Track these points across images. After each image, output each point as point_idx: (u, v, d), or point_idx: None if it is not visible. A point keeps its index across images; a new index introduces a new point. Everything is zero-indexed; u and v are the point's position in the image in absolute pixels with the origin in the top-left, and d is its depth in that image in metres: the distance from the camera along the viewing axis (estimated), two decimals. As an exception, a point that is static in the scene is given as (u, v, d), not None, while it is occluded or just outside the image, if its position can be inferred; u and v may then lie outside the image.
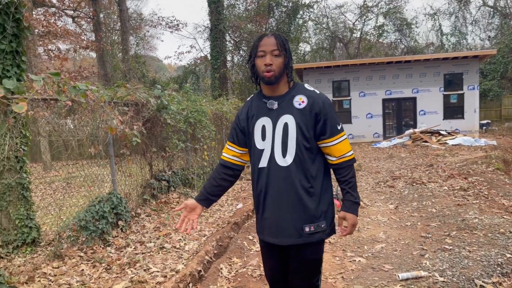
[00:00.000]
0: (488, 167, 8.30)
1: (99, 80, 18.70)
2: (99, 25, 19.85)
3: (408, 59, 17.49)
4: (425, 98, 17.55)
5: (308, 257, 1.98)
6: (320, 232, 1.94)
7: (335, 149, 1.93)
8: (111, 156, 5.16)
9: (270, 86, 1.94)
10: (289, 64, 1.95)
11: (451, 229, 4.52)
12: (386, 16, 30.50)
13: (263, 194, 1.98)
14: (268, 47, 1.88)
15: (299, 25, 26.12)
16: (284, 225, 1.93)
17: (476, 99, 17.24)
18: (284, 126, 1.91)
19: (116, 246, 4.45)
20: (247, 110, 2.05)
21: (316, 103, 1.91)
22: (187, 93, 8.09)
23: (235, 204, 6.48)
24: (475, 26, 32.53)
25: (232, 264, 3.94)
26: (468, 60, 17.03)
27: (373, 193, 7.07)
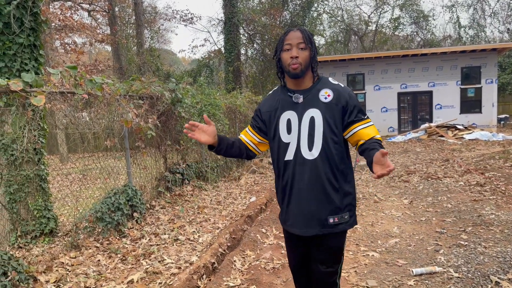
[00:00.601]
0: (505, 162, 8.15)
1: (114, 73, 18.88)
2: (114, 19, 19.99)
3: (425, 52, 17.20)
4: (441, 91, 17.28)
5: (331, 245, 2.02)
6: (343, 223, 1.99)
7: (363, 133, 1.94)
8: (127, 149, 5.22)
9: (295, 79, 1.97)
10: (315, 57, 1.97)
11: (467, 225, 4.47)
12: (403, 8, 29.98)
13: (288, 187, 2.00)
14: (294, 40, 1.91)
15: (314, 18, 25.86)
16: (309, 217, 1.96)
17: (494, 93, 16.89)
18: (311, 119, 1.94)
19: (131, 238, 4.52)
20: (270, 103, 2.08)
21: (342, 96, 1.95)
22: (201, 87, 8.11)
23: (249, 198, 6.50)
24: (494, 18, 31.69)
25: (246, 257, 3.97)
26: (487, 53, 16.68)
27: (388, 187, 7.02)
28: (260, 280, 3.41)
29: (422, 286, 3.15)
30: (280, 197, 2.10)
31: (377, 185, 7.26)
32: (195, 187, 6.84)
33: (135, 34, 21.78)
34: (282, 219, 2.14)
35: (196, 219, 5.32)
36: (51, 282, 3.38)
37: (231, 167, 9.13)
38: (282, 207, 2.11)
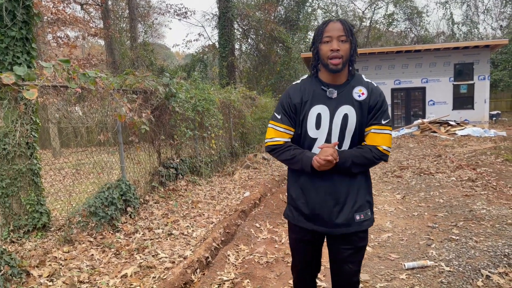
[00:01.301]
0: (497, 158, 8.24)
1: (107, 67, 18.74)
2: (107, 12, 19.81)
3: (418, 48, 17.27)
4: (434, 88, 17.37)
5: (359, 244, 2.00)
6: (367, 220, 1.97)
7: (371, 137, 1.90)
8: (120, 143, 5.20)
9: (333, 74, 1.88)
10: (356, 50, 1.89)
11: (458, 220, 4.52)
12: (397, 5, 30.06)
13: (311, 183, 1.93)
14: (334, 32, 1.82)
15: (308, 14, 25.84)
16: (336, 215, 1.91)
17: (486, 89, 17.01)
18: (344, 117, 1.87)
19: (125, 232, 4.51)
20: (300, 94, 1.94)
21: (374, 95, 1.91)
22: (195, 81, 8.09)
23: (243, 192, 6.51)
24: (487, 15, 31.97)
25: (239, 251, 3.99)
26: (479, 50, 16.78)
27: (380, 183, 7.06)
28: (254, 274, 3.43)
29: (414, 279, 3.19)
30: (300, 193, 1.99)
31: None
32: (189, 182, 6.84)
33: (129, 28, 21.62)
34: (297, 218, 2.02)
35: (190, 213, 5.32)
36: (44, 276, 3.38)
37: (225, 162, 9.13)
38: (299, 206, 2.00)
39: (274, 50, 22.04)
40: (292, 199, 2.04)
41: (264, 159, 9.90)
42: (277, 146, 1.99)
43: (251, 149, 11.41)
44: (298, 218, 2.02)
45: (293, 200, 2.04)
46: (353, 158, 1.86)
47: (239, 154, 10.33)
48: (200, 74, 19.22)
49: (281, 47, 21.73)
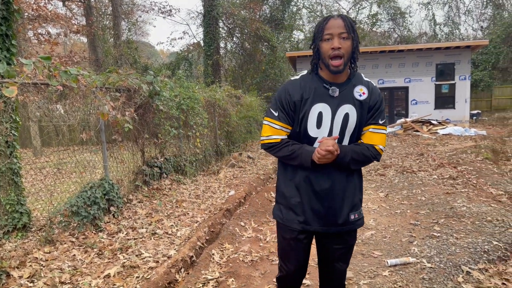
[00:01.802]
0: (477, 157, 8.41)
1: (90, 65, 18.46)
2: (90, 9, 19.51)
3: (401, 48, 17.49)
4: (417, 87, 17.63)
5: (350, 243, 2.01)
6: (360, 219, 1.98)
7: (368, 136, 1.91)
8: (103, 142, 5.14)
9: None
10: (358, 47, 1.84)
11: (440, 217, 4.60)
12: (380, 5, 30.40)
13: (309, 183, 1.90)
14: (335, 29, 1.76)
15: (293, 13, 25.94)
16: (333, 214, 1.90)
17: (467, 89, 17.34)
18: (345, 116, 1.85)
19: (108, 232, 4.46)
20: (300, 91, 1.87)
21: (375, 95, 1.90)
22: (179, 80, 8.03)
23: (227, 191, 6.50)
24: (468, 16, 32.64)
25: (224, 250, 3.98)
26: (460, 50, 17.09)
27: (364, 181, 7.14)
28: (239, 273, 3.43)
29: (396, 276, 3.23)
30: (295, 192, 1.94)
31: (354, 178, 7.37)
32: (174, 181, 6.79)
33: (112, 26, 21.34)
34: (289, 217, 1.97)
35: (174, 213, 5.29)
36: (25, 277, 3.31)
37: (210, 161, 9.10)
38: (296, 205, 1.94)
39: (259, 49, 22.06)
40: (284, 197, 1.98)
41: (249, 157, 9.90)
42: (274, 144, 1.93)
43: (236, 148, 11.40)
44: (289, 218, 1.97)
45: (285, 198, 1.98)
46: (352, 154, 1.85)
47: (224, 153, 10.30)
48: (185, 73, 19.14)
49: (266, 46, 21.76)
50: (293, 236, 1.99)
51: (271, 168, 8.76)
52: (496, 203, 4.92)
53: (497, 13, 29.09)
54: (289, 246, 2.03)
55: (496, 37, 24.71)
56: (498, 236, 3.78)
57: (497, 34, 24.89)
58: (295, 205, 1.94)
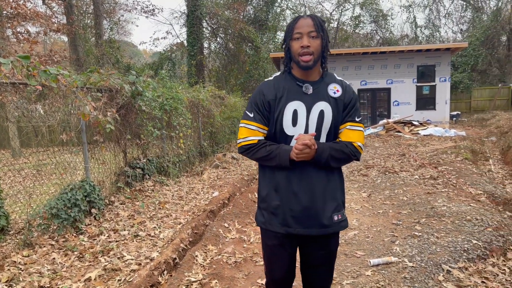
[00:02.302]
0: (457, 157, 8.57)
1: (71, 64, 18.14)
2: (71, 8, 19.17)
3: (383, 50, 17.73)
4: (399, 89, 17.88)
5: (333, 247, 1.98)
6: (344, 220, 1.94)
7: (346, 133, 1.90)
8: (84, 143, 5.05)
9: (305, 70, 1.85)
10: (327, 46, 1.86)
11: (421, 217, 4.67)
12: (363, 7, 30.75)
13: (286, 184, 1.86)
14: (304, 28, 1.79)
15: (277, 14, 26.01)
16: (315, 215, 1.85)
17: (447, 91, 17.67)
18: (320, 113, 1.85)
19: (89, 234, 4.38)
20: (274, 91, 1.88)
21: (348, 93, 1.91)
22: (162, 80, 7.96)
23: (211, 192, 6.47)
24: (448, 19, 33.27)
25: (208, 252, 3.96)
26: (441, 53, 17.41)
27: (347, 181, 7.19)
28: (222, 275, 3.41)
29: (379, 276, 3.27)
30: (274, 196, 1.90)
31: (338, 179, 7.43)
32: (156, 182, 6.73)
33: (94, 25, 21.02)
34: (272, 222, 1.91)
35: (157, 214, 5.23)
36: (3, 281, 3.22)
37: (193, 162, 9.04)
38: (277, 208, 1.89)
39: (243, 50, 22.05)
40: (265, 201, 1.95)
41: (233, 158, 9.88)
42: (251, 145, 1.90)
43: (220, 149, 11.36)
44: (271, 222, 1.92)
45: (265, 202, 1.94)
46: (331, 151, 1.83)
47: (208, 153, 10.26)
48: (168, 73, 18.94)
49: (250, 47, 21.76)
50: (276, 242, 1.94)
51: (255, 168, 8.76)
52: (475, 202, 5.02)
53: (476, 16, 29.76)
54: (274, 253, 1.98)
55: (475, 39, 25.27)
56: (477, 235, 3.86)
57: (476, 37, 25.46)
58: (275, 208, 1.90)
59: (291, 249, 1.97)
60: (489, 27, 25.99)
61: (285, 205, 1.87)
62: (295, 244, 1.97)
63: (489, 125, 17.55)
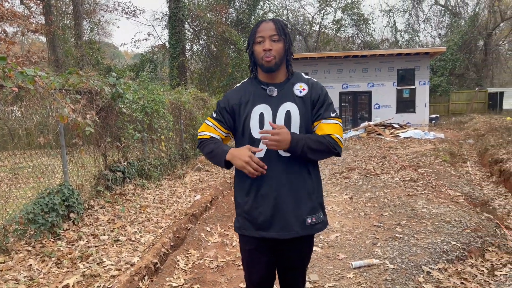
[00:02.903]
0: (436, 159, 8.73)
1: (49, 66, 17.77)
2: (49, 8, 18.81)
3: (364, 53, 17.96)
4: (379, 92, 18.13)
5: (306, 249, 1.96)
6: (320, 223, 1.92)
7: (321, 127, 1.87)
8: (62, 146, 4.94)
9: (269, 73, 1.87)
10: (290, 49, 1.88)
11: (402, 218, 4.72)
12: (344, 11, 31.14)
13: (257, 187, 1.85)
14: (266, 32, 1.82)
15: (259, 16, 26.06)
16: (286, 218, 1.83)
17: (426, 94, 18.01)
18: (286, 114, 1.84)
19: (67, 240, 4.28)
20: (239, 95, 1.91)
21: (315, 90, 1.90)
22: (144, 82, 7.87)
23: (193, 196, 6.41)
24: (427, 24, 34.02)
25: (189, 256, 3.91)
26: (420, 57, 17.74)
27: (329, 184, 7.24)
28: (204, 279, 3.38)
29: (360, 278, 3.28)
30: (247, 200, 1.89)
31: (320, 181, 7.46)
32: (137, 185, 6.63)
33: (73, 25, 20.67)
34: (246, 227, 1.91)
35: (138, 218, 5.15)
36: (-25, 290, 3.12)
37: (175, 165, 8.96)
38: (248, 212, 1.89)
39: (225, 52, 22.01)
40: (239, 206, 1.94)
41: (216, 161, 9.81)
42: (203, 140, 1.97)
43: (202, 151, 11.28)
44: (245, 227, 1.92)
45: (240, 207, 1.94)
46: (306, 140, 1.79)
47: (190, 156, 10.18)
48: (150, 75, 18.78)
49: (232, 49, 21.74)
50: (253, 247, 1.94)
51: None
52: (453, 204, 5.11)
53: (454, 21, 30.48)
54: (251, 257, 1.98)
55: (453, 44, 25.87)
56: (456, 236, 3.92)
57: (454, 42, 26.07)
58: (247, 213, 1.89)
59: (268, 253, 1.96)
60: (467, 32, 26.67)
61: (256, 209, 1.87)
62: (271, 248, 1.95)
63: (466, 127, 17.96)
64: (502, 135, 11.82)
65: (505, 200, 6.68)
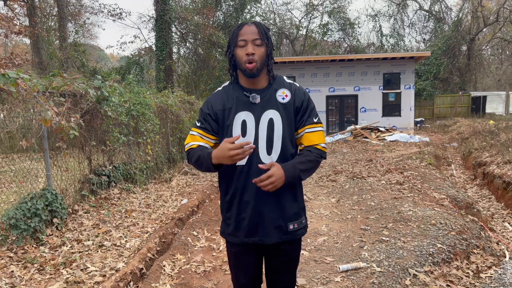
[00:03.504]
0: (421, 162, 8.83)
1: (33, 68, 17.50)
2: (33, 10, 18.54)
3: (351, 57, 18.11)
4: (366, 95, 18.29)
5: (292, 254, 1.96)
6: (301, 228, 1.93)
7: (307, 137, 1.87)
8: (46, 149, 4.84)
9: (251, 79, 1.83)
10: (271, 54, 1.85)
11: (388, 221, 4.75)
12: (331, 15, 31.40)
13: (240, 194, 1.85)
14: (249, 35, 1.77)
15: (247, 20, 26.11)
16: (268, 224, 1.84)
17: (411, 98, 18.24)
18: (269, 121, 1.82)
19: (51, 245, 4.19)
20: (223, 101, 1.88)
21: (299, 95, 1.88)
22: (129, 85, 7.78)
23: (180, 200, 6.35)
24: (412, 28, 34.49)
25: (176, 261, 3.87)
26: (405, 61, 17.96)
27: (316, 187, 7.25)
28: (191, 284, 3.34)
29: (348, 281, 3.28)
30: (228, 207, 1.91)
31: (307, 184, 7.48)
32: (123, 189, 6.54)
33: (58, 27, 20.40)
34: (230, 232, 1.92)
35: (123, 223, 5.08)
36: (-47, 299, 3.02)
37: (162, 169, 8.87)
38: (229, 218, 1.91)
39: (213, 55, 21.99)
40: (223, 211, 1.96)
41: (203, 164, 9.75)
42: (190, 150, 1.91)
43: (189, 155, 11.21)
44: (229, 232, 1.93)
45: (224, 213, 1.95)
46: (297, 166, 1.79)
47: (177, 160, 10.10)
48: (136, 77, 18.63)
49: (220, 52, 21.72)
50: (239, 250, 1.94)
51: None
52: (439, 207, 5.16)
53: (438, 26, 31.00)
54: (238, 260, 1.98)
55: (437, 49, 26.31)
56: (442, 239, 3.95)
57: (438, 46, 26.52)
58: (230, 218, 1.91)
59: (255, 256, 1.97)
60: (450, 37, 27.15)
61: (239, 215, 1.87)
62: (258, 251, 1.96)
63: (450, 131, 18.24)
64: (485, 138, 12.02)
65: (488, 202, 6.79)
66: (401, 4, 33.24)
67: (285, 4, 33.79)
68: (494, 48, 33.80)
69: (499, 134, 12.21)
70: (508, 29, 30.38)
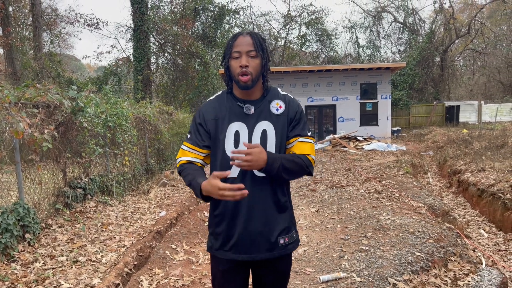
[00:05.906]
0: (399, 171, 8.96)
1: (6, 78, 17.04)
2: (7, 19, 18.13)
3: (329, 68, 18.37)
4: (343, 105, 18.54)
5: (284, 269, 1.91)
6: (292, 242, 1.88)
7: (298, 146, 1.84)
8: (18, 162, 4.68)
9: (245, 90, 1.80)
10: (267, 65, 1.83)
11: (367, 230, 4.77)
12: (309, 27, 31.88)
13: (231, 208, 1.79)
14: (243, 47, 1.74)
15: (225, 31, 26.25)
16: (258, 240, 1.78)
17: (388, 107, 18.59)
18: (263, 133, 1.79)
19: (22, 262, 4.03)
20: (215, 111, 1.84)
21: (292, 107, 1.86)
22: (106, 95, 7.66)
23: (158, 212, 6.24)
24: (387, 40, 35.24)
25: (153, 276, 3.77)
26: (382, 71, 18.33)
27: (296, 197, 7.25)
28: (169, 300, 3.25)
29: (328, 292, 3.26)
30: (219, 221, 1.83)
31: (287, 195, 7.46)
32: (99, 202, 6.38)
33: (32, 37, 19.99)
34: (218, 247, 1.85)
35: (99, 237, 4.94)
36: None
37: (139, 180, 8.73)
38: (221, 233, 1.83)
39: (192, 65, 21.94)
40: (212, 226, 1.89)
41: (182, 176, 9.63)
42: (182, 168, 1.87)
43: (168, 166, 11.08)
44: (217, 248, 1.86)
45: (212, 227, 1.88)
46: (282, 160, 1.74)
47: (155, 171, 9.95)
48: (113, 88, 18.40)
49: (199, 63, 21.70)
50: (226, 268, 1.87)
51: (204, 186, 8.59)
52: (416, 215, 5.23)
53: (412, 38, 31.85)
54: (224, 279, 1.90)
55: (412, 60, 26.99)
56: (420, 247, 3.99)
57: (413, 57, 27.21)
58: (218, 234, 1.84)
59: (242, 273, 1.90)
60: (424, 49, 27.90)
61: (227, 231, 1.82)
62: (245, 268, 1.90)
63: (426, 140, 18.63)
64: (459, 147, 12.33)
65: (464, 209, 6.93)
66: (377, 16, 34.06)
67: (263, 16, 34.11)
68: (466, 59, 34.96)
69: (473, 143, 12.54)
70: (479, 40, 31.48)
